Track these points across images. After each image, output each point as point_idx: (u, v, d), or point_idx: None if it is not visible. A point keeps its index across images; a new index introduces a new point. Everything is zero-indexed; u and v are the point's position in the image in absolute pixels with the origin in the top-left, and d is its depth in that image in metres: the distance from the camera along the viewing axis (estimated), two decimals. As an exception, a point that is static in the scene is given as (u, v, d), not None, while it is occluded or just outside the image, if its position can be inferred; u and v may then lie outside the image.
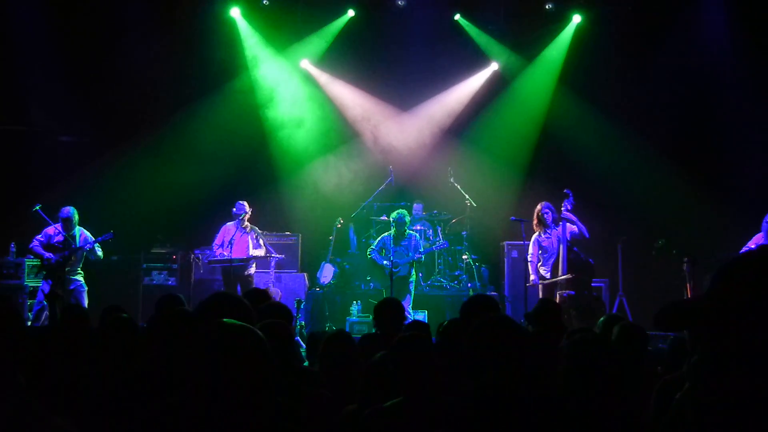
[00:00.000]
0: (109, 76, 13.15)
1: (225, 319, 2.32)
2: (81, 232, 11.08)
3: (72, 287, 10.93)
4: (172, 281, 12.93)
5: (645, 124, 13.55)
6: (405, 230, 11.95)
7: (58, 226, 10.96)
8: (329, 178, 14.31)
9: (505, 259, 12.93)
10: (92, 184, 12.67)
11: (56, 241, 10.91)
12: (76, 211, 11.04)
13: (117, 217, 11.57)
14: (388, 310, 5.87)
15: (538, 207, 10.68)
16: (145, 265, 12.95)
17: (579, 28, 13.97)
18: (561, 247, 10.28)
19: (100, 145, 13.51)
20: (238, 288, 11.25)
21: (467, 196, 13.08)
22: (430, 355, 3.73)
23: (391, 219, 11.92)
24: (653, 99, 13.63)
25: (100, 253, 11.16)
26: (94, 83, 13.15)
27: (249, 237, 11.59)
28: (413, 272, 11.95)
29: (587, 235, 10.35)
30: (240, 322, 2.35)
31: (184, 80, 13.55)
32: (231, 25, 13.95)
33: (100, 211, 11.72)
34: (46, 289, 10.74)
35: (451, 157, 14.11)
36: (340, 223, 13.06)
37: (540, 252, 10.67)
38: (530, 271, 10.66)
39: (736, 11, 13.08)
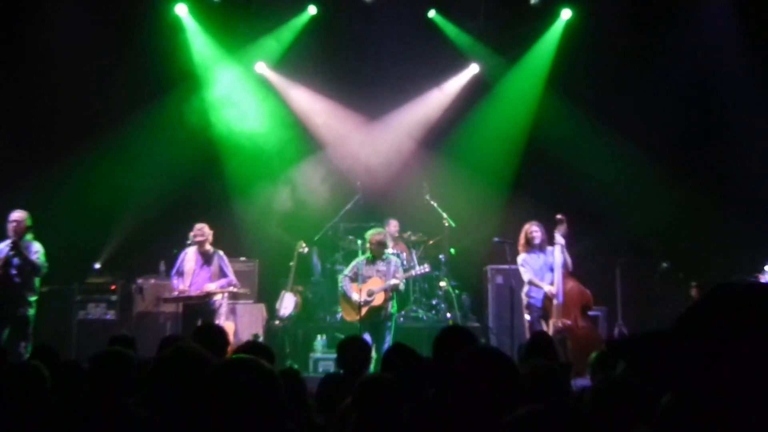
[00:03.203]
0: (36, 84, 12.67)
1: (234, 356, 2.89)
2: (27, 243, 9.89)
3: (25, 313, 9.70)
4: (110, 315, 12.12)
5: (644, 131, 13.04)
6: (384, 252, 10.76)
7: None
8: (290, 197, 13.88)
9: (489, 286, 12.53)
10: (20, 206, 11.34)
11: (5, 254, 9.64)
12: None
13: (48, 242, 10.50)
14: (352, 348, 5.86)
15: (527, 226, 10.42)
16: (79, 297, 12.13)
17: (569, 25, 13.71)
18: (555, 273, 10.05)
19: (28, 164, 12.69)
20: (199, 323, 10.32)
21: (445, 215, 12.53)
22: (397, 400, 3.76)
23: (367, 237, 10.75)
24: (654, 103, 13.24)
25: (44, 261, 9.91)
26: (19, 94, 12.58)
27: (209, 267, 10.66)
28: (393, 304, 10.59)
29: (571, 269, 10.27)
30: (248, 356, 2.77)
31: (123, 88, 12.82)
32: (176, 24, 13.50)
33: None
34: None
35: (427, 172, 13.67)
36: (302, 248, 12.39)
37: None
38: (540, 285, 10.09)
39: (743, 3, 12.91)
